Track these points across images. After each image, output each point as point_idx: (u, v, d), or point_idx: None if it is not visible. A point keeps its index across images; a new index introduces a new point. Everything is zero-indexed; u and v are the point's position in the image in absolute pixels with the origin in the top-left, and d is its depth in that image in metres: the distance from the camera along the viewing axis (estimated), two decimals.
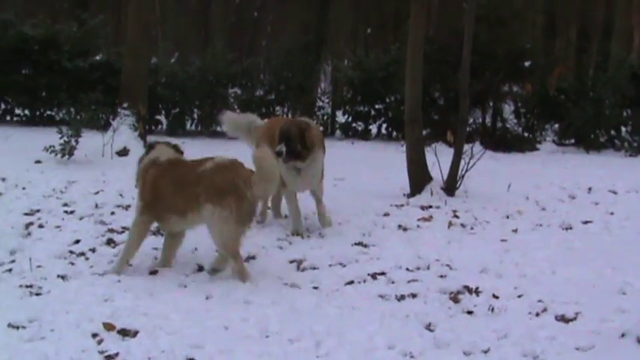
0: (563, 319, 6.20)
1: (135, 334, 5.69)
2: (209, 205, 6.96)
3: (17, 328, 5.77)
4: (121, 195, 10.72)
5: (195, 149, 17.05)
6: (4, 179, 11.71)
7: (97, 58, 21.36)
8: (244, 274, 7.01)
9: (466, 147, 11.54)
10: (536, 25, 29.73)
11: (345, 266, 7.63)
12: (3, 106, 22.19)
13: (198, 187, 7.05)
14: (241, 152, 8.97)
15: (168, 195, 7.26)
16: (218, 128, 21.29)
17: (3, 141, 16.35)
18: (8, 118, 21.95)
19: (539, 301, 6.57)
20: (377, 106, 21.72)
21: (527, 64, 20.08)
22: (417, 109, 11.58)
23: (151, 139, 17.15)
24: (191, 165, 7.40)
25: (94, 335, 5.65)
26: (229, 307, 6.35)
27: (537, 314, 6.33)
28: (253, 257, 7.86)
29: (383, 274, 7.36)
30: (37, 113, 21.88)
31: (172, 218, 7.32)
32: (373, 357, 5.33)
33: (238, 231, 7.01)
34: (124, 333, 5.70)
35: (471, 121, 18.86)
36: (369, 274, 7.33)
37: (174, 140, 16.59)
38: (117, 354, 5.31)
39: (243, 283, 6.91)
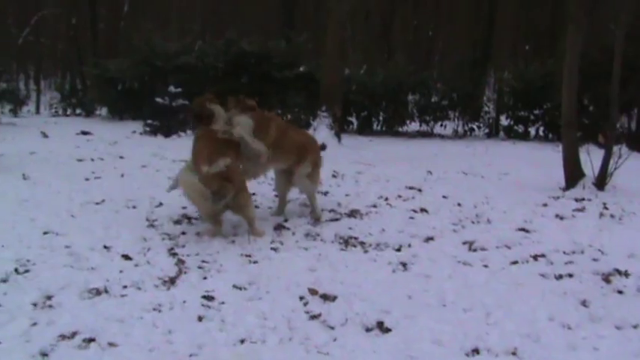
0: None
1: (334, 298, 5.72)
2: None
3: (240, 288, 5.92)
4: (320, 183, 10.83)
5: (379, 147, 17.20)
6: None
7: (301, 69, 21.72)
8: None
9: (614, 148, 11.15)
10: None
11: (510, 248, 7.45)
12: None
13: None
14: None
15: None
16: (400, 129, 21.44)
17: None
18: None
19: None
20: (535, 112, 21.31)
21: None
22: (572, 114, 11.30)
23: (344, 137, 17.37)
24: None
25: (301, 298, 5.73)
26: (412, 279, 6.32)
27: None
28: (432, 238, 7.79)
29: (543, 256, 7.14)
30: None
31: None
32: (536, 327, 5.17)
33: None
34: (325, 297, 5.75)
35: (618, 125, 18.17)
36: (530, 256, 7.13)
37: (362, 139, 16.76)
38: (319, 314, 5.36)
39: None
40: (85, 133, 17.82)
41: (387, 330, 5.12)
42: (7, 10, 46.88)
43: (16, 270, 6.19)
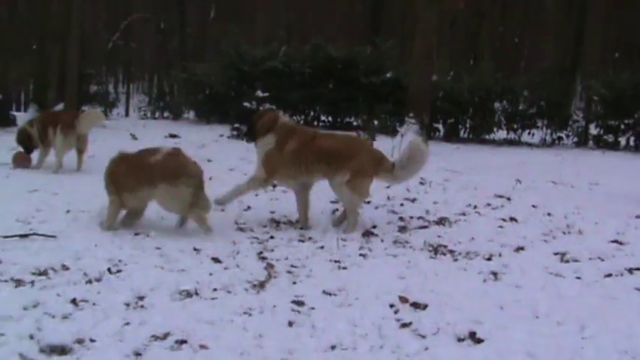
0: None
1: (425, 307, 5.65)
2: None
3: (330, 294, 5.90)
4: (407, 190, 10.77)
5: (466, 154, 17.03)
6: None
7: (388, 75, 21.66)
8: None
9: None
10: None
11: (603, 260, 7.24)
12: (312, 113, 23.00)
13: None
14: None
15: None
16: (486, 136, 21.17)
17: None
18: (315, 123, 22.69)
19: None
20: (626, 121, 20.81)
21: None
22: None
23: (430, 144, 17.21)
24: None
25: (391, 306, 5.67)
26: (503, 289, 6.20)
27: None
28: (522, 248, 7.65)
29: (638, 269, 6.90)
30: (338, 120, 22.53)
31: None
32: (634, 343, 4.99)
33: None
34: (416, 306, 5.68)
35: None
36: (625, 269, 6.89)
37: (449, 146, 16.57)
38: (410, 323, 5.29)
39: None
40: (172, 136, 18.13)
41: (480, 341, 5.02)
42: (98, 15, 48.10)
43: (109, 270, 6.32)
